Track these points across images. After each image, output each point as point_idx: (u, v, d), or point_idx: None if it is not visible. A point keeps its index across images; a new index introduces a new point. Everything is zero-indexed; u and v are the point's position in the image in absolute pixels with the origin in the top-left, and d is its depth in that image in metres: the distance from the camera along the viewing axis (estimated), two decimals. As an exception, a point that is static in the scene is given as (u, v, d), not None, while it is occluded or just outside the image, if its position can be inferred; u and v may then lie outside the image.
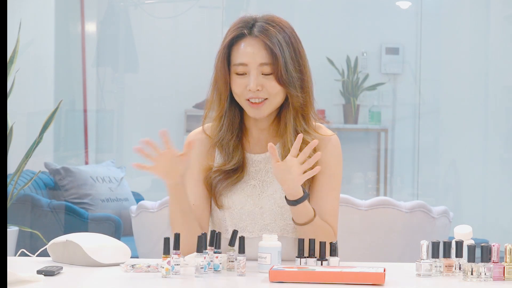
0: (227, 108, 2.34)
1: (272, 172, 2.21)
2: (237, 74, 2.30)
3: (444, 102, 6.56)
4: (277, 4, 6.26)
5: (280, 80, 2.28)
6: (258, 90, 2.28)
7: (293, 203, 2.21)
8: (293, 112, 2.32)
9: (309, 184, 2.34)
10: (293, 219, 2.27)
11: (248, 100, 2.30)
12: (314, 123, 2.37)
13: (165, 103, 6.39)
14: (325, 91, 6.44)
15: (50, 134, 5.62)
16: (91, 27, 6.22)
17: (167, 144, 2.17)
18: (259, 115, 2.31)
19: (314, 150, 2.28)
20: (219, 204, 2.36)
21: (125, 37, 6.36)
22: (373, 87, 6.55)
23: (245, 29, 2.31)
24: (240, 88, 2.29)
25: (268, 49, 2.28)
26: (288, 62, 2.29)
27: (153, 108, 6.38)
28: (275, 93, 2.29)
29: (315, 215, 2.26)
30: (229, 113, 2.35)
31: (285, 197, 2.22)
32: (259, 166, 2.36)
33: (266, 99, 2.29)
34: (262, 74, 2.29)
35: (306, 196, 2.21)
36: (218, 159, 2.38)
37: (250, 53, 2.28)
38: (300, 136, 2.17)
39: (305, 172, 2.17)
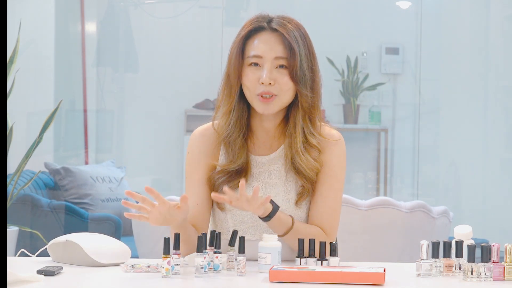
0: (236, 103, 2.32)
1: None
2: (250, 66, 2.29)
3: (444, 102, 6.55)
4: (277, 4, 6.23)
5: (294, 77, 2.28)
6: (270, 84, 2.27)
7: (265, 219, 2.23)
8: (302, 113, 2.32)
9: (312, 187, 2.34)
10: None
11: (259, 95, 2.28)
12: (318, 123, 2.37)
13: (165, 103, 6.39)
14: (325, 91, 6.38)
15: (50, 134, 5.62)
16: (91, 27, 6.22)
17: (158, 198, 2.11)
18: (267, 111, 2.29)
19: (320, 152, 2.32)
20: (221, 207, 2.35)
21: (125, 37, 6.36)
22: (373, 87, 6.55)
23: (263, 23, 2.31)
24: (253, 82, 2.28)
25: (286, 43, 2.28)
26: (303, 60, 2.29)
27: (153, 108, 6.38)
28: (286, 90, 2.28)
29: (293, 223, 2.26)
30: (238, 109, 2.33)
31: (258, 216, 2.23)
32: (262, 168, 2.35)
33: (276, 95, 2.28)
34: (276, 68, 2.28)
35: (276, 209, 2.22)
36: (222, 159, 2.36)
37: (266, 45, 2.28)
38: (256, 190, 2.13)
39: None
